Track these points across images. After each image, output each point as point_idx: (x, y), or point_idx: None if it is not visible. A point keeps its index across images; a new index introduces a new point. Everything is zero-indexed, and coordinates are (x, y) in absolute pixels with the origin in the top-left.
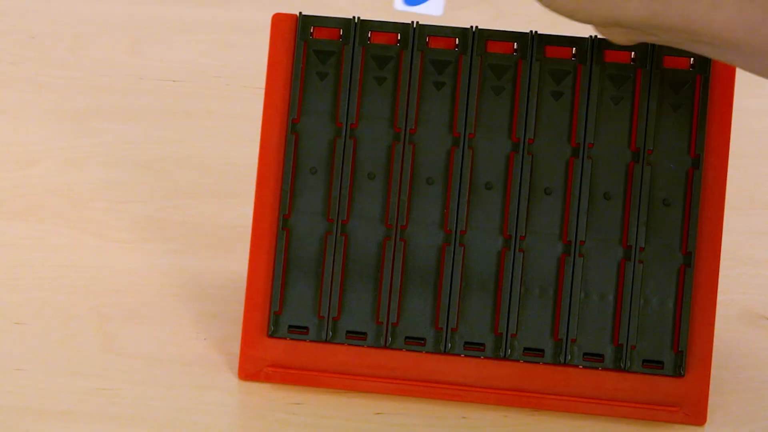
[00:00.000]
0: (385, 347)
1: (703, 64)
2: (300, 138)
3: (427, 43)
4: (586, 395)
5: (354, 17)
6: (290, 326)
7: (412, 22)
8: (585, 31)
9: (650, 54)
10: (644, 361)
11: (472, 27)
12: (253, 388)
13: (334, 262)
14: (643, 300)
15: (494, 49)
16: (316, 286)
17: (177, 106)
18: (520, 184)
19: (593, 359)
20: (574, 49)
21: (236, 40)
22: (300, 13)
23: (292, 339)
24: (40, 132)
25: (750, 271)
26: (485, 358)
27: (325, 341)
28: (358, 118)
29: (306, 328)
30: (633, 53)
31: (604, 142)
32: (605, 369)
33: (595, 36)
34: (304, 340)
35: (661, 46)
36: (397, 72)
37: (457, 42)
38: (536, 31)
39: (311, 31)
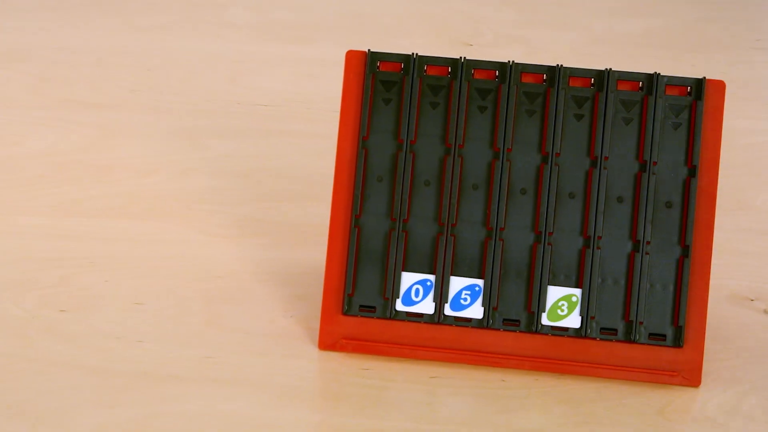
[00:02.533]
0: (439, 323)
1: (699, 91)
2: (369, 152)
3: (472, 74)
4: (602, 362)
5: (413, 53)
6: (360, 306)
7: (461, 57)
8: (602, 65)
9: (655, 83)
10: (650, 334)
11: (509, 61)
12: (331, 356)
13: (396, 253)
14: (649, 284)
15: (527, 79)
16: (381, 273)
17: (268, 126)
18: (549, 189)
19: (608, 333)
20: (592, 79)
21: (317, 72)
22: (369, 50)
23: (362, 316)
24: (157, 147)
25: (737, 261)
26: (520, 332)
27: (389, 318)
28: (416, 135)
29: (373, 307)
30: (641, 83)
31: (617, 155)
32: (618, 341)
33: (610, 69)
34: (372, 317)
35: (663, 77)
36: (448, 98)
37: (497, 74)
38: (562, 65)
39: (378, 64)
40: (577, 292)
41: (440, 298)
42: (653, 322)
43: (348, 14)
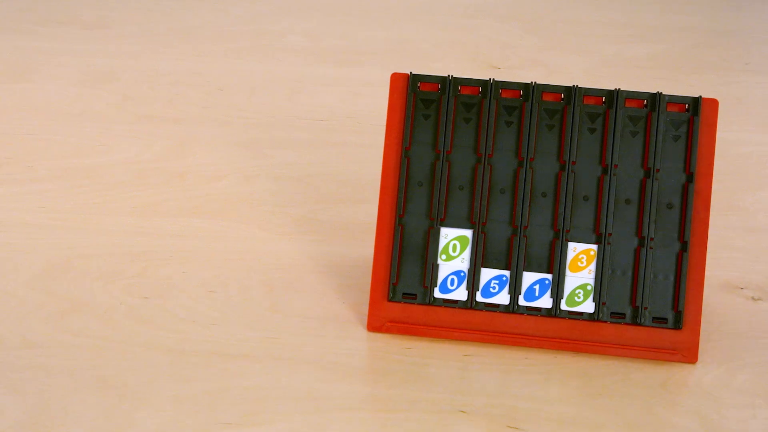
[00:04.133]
0: (471, 308)
1: (696, 108)
2: (410, 161)
3: (500, 93)
4: (613, 342)
5: (449, 75)
6: (403, 293)
7: (490, 78)
8: (612, 85)
9: (657, 101)
10: (653, 318)
11: (531, 82)
12: (377, 337)
13: (434, 248)
14: (653, 275)
15: (547, 98)
16: (421, 265)
17: (323, 138)
18: (566, 193)
19: (618, 317)
20: (603, 98)
21: (365, 91)
22: (411, 72)
23: (405, 302)
24: (226, 156)
25: (729, 254)
26: (542, 316)
27: (428, 304)
28: (451, 146)
29: (414, 294)
30: (645, 101)
31: (625, 164)
32: (626, 324)
33: (619, 89)
34: (413, 303)
35: (665, 96)
36: (479, 114)
37: (521, 93)
38: (577, 85)
39: (418, 85)
40: (592, 281)
41: (472, 287)
42: (656, 307)
43: (392, 41)
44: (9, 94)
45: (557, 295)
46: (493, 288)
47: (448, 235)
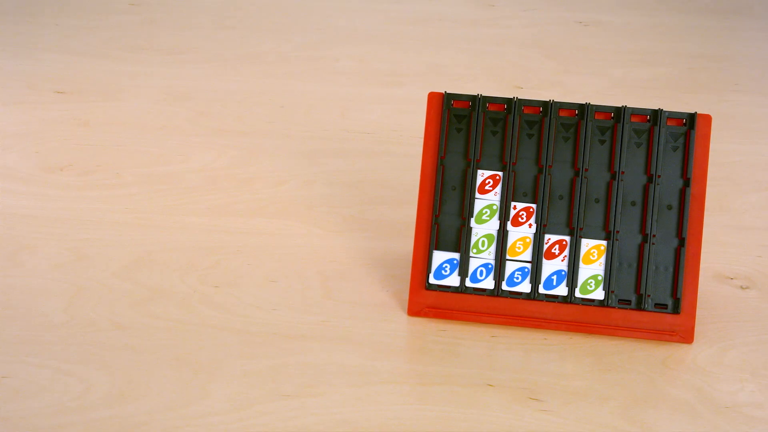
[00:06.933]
0: (497, 296)
1: (692, 123)
2: (445, 168)
3: (522, 110)
4: (620, 325)
5: (478, 94)
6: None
7: (514, 97)
8: (619, 103)
9: (659, 117)
10: (655, 304)
11: (550, 100)
12: (416, 320)
13: (465, 243)
14: (655, 267)
15: (563, 114)
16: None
17: (369, 148)
18: (580, 196)
19: (624, 303)
20: (612, 114)
21: (406, 108)
22: (445, 92)
23: (440, 291)
24: (287, 164)
25: (720, 249)
26: (558, 302)
27: (460, 292)
28: (480, 155)
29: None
30: (648, 117)
31: (631, 171)
32: (631, 309)
33: (625, 106)
34: (448, 291)
35: (665, 112)
36: (504, 128)
37: (541, 109)
38: (589, 103)
39: (452, 102)
40: (602, 272)
41: (498, 277)
42: (658, 295)
43: (429, 65)
44: (100, 111)
45: (572, 285)
46: (517, 278)
47: (477, 232)
